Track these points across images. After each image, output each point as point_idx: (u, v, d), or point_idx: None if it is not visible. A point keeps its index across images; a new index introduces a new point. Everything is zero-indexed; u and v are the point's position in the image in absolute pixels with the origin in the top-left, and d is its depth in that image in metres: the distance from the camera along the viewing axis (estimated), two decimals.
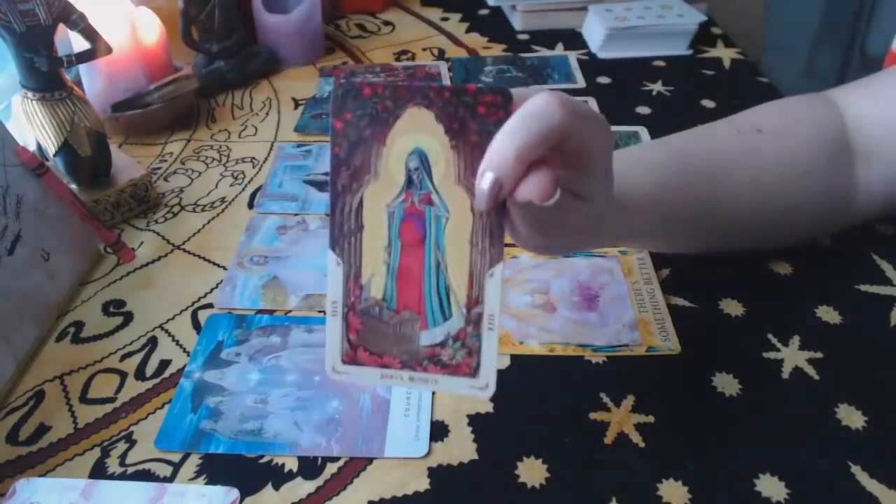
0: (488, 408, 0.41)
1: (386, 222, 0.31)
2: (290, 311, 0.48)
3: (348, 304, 0.32)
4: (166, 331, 0.47)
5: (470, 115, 0.29)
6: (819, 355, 0.44)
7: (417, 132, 0.30)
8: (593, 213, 0.34)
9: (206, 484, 0.37)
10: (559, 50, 0.86)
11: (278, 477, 0.37)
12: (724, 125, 0.48)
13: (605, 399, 0.41)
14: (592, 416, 0.40)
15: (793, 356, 0.44)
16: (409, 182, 0.30)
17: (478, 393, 0.31)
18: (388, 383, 0.32)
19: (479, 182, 0.28)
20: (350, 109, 0.30)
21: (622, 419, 0.40)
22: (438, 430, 0.39)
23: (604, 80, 0.78)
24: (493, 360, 0.31)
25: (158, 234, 0.56)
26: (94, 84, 0.65)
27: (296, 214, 0.57)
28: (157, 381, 0.43)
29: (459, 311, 0.31)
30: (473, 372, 0.31)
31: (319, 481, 0.37)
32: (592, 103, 0.72)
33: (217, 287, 0.50)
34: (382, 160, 0.30)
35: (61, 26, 0.51)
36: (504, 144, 0.28)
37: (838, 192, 0.48)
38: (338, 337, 0.32)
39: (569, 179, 0.32)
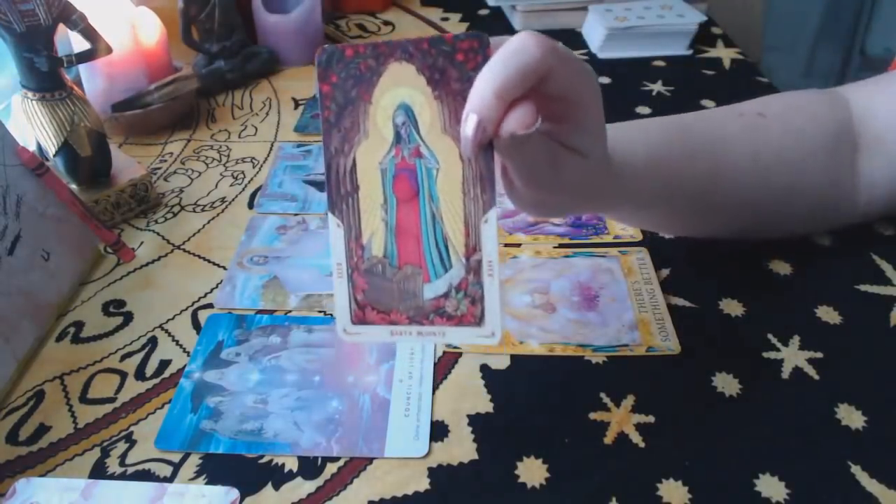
0: (488, 408, 0.41)
1: (380, 180, 0.31)
2: (290, 311, 0.48)
3: (352, 265, 0.32)
4: (166, 331, 0.47)
5: (449, 63, 0.29)
6: (819, 355, 0.44)
7: (401, 87, 0.30)
8: (588, 170, 0.34)
9: (206, 484, 0.37)
10: None
11: (278, 477, 0.37)
12: (725, 109, 0.49)
13: (605, 399, 0.41)
14: (592, 416, 0.40)
15: (793, 356, 0.44)
16: (398, 138, 0.31)
17: (485, 341, 0.31)
18: (398, 340, 0.32)
19: (464, 126, 0.29)
20: (335, 72, 0.30)
21: (622, 419, 0.40)
22: (438, 430, 0.39)
23: (604, 80, 0.78)
24: (496, 306, 0.31)
25: (158, 234, 0.56)
26: (94, 84, 0.65)
27: (296, 214, 0.57)
28: (157, 381, 0.43)
29: (459, 261, 0.31)
30: (479, 321, 0.31)
31: (319, 481, 0.37)
32: None
33: (217, 287, 0.50)
34: (370, 118, 0.31)
35: (61, 26, 0.51)
36: (484, 84, 0.28)
37: (840, 182, 0.48)
38: (346, 298, 0.32)
39: (560, 132, 0.32)
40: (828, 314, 0.47)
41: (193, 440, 0.39)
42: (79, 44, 0.54)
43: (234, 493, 0.36)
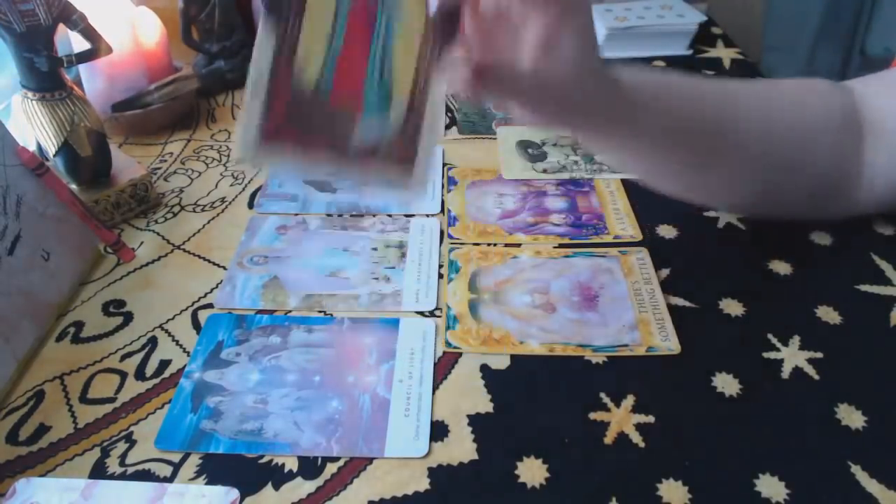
0: (488, 408, 0.41)
1: (333, 7, 0.28)
2: (289, 312, 0.48)
3: (273, 90, 0.29)
4: (166, 331, 0.47)
5: None
6: (819, 355, 0.44)
7: None
8: (577, 83, 0.34)
9: (206, 484, 0.37)
10: None
11: (278, 477, 0.37)
12: (738, 80, 0.49)
13: (605, 399, 0.41)
14: (592, 416, 0.40)
15: (793, 356, 0.44)
16: None
17: (405, 192, 0.29)
18: (312, 174, 0.31)
19: None
20: None
21: (622, 419, 0.40)
22: (438, 430, 0.39)
23: None
24: (426, 165, 0.29)
25: (158, 234, 0.56)
26: (94, 84, 0.65)
27: (296, 214, 0.57)
28: (157, 381, 0.43)
29: (400, 104, 0.29)
30: (405, 172, 0.29)
31: (319, 481, 0.37)
32: None
33: (217, 287, 0.50)
34: None
35: (61, 26, 0.51)
36: None
37: (844, 166, 0.48)
38: (256, 118, 0.29)
39: (545, 33, 0.32)
40: (828, 314, 0.47)
41: (193, 440, 0.39)
42: (79, 44, 0.54)
43: (234, 493, 0.36)
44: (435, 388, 0.42)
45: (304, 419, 0.40)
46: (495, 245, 0.53)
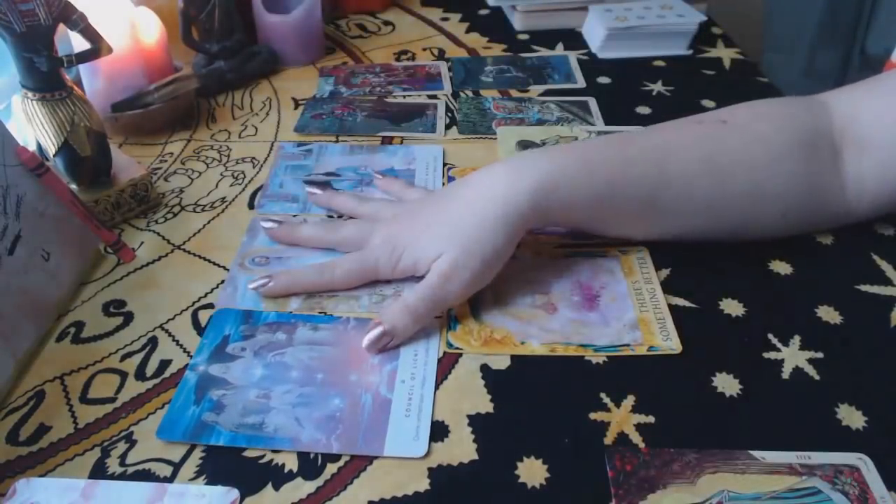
0: (488, 408, 0.41)
1: None
2: (290, 312, 0.48)
3: None
4: (166, 331, 0.47)
5: None
6: (819, 355, 0.44)
7: None
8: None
9: (207, 484, 0.37)
10: (559, 50, 0.86)
11: (278, 477, 0.37)
12: (687, 118, 0.51)
13: (605, 399, 0.41)
14: (592, 416, 0.40)
15: (793, 356, 0.44)
16: None
17: None
18: None
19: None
20: None
21: (622, 419, 0.40)
22: (438, 431, 0.39)
23: (604, 80, 0.78)
24: None
25: (158, 234, 0.56)
26: (94, 84, 0.65)
27: (296, 215, 0.57)
28: (157, 381, 0.43)
29: None
30: None
31: (319, 481, 0.37)
32: (592, 104, 0.72)
33: (217, 287, 0.50)
34: None
35: (61, 26, 0.51)
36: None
37: (820, 186, 0.49)
38: None
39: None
40: (828, 314, 0.47)
41: (195, 432, 0.39)
42: (79, 44, 0.54)
43: (234, 493, 0.36)
44: (435, 388, 0.42)
45: (305, 415, 0.40)
46: None
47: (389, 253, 0.47)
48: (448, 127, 0.69)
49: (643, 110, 0.71)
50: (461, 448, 0.39)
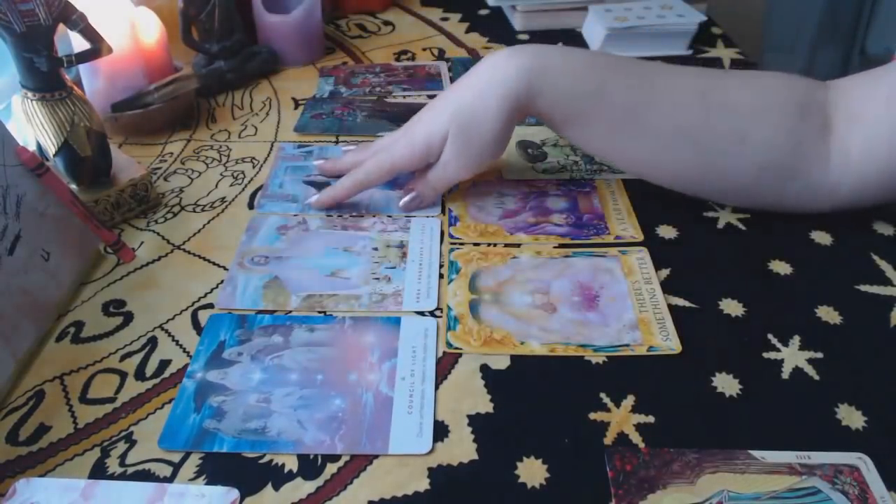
0: (488, 408, 0.41)
1: None
2: (290, 312, 0.48)
3: None
4: (166, 331, 0.47)
5: None
6: (819, 355, 0.44)
7: None
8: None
9: (206, 484, 0.37)
10: None
11: (278, 477, 0.37)
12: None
13: (605, 399, 0.41)
14: (592, 416, 0.40)
15: (793, 356, 0.44)
16: None
17: None
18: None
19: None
20: None
21: (622, 419, 0.40)
22: (438, 430, 0.39)
23: None
24: None
25: (158, 234, 0.56)
26: (94, 84, 0.65)
27: (296, 215, 0.57)
28: (157, 381, 0.43)
29: None
30: None
31: (319, 481, 0.37)
32: None
33: (217, 287, 0.50)
34: None
35: (61, 26, 0.51)
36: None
37: (803, 147, 0.49)
38: None
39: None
40: (828, 314, 0.47)
41: (197, 439, 0.39)
42: (79, 44, 0.54)
43: (234, 493, 0.36)
44: (435, 388, 0.42)
45: (307, 417, 0.40)
46: (495, 245, 0.53)
47: (407, 140, 0.54)
48: None
49: None
50: (461, 448, 0.39)
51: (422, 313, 0.47)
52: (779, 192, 0.52)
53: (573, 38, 0.88)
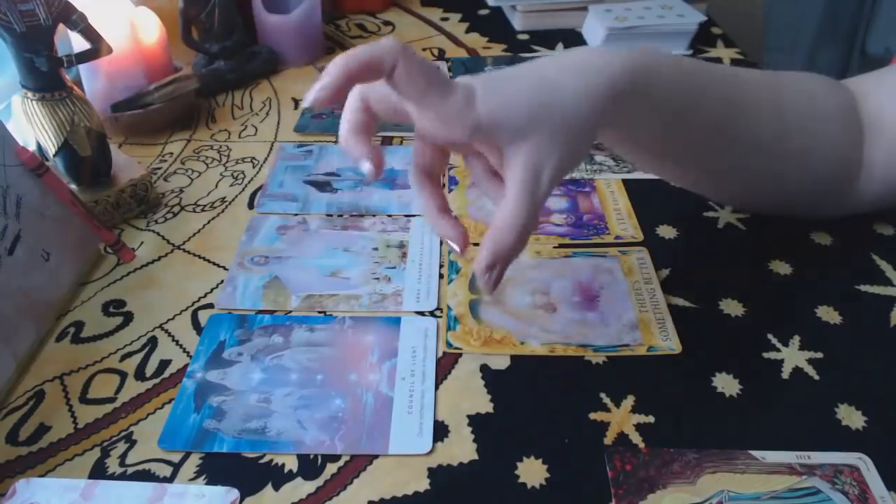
0: (488, 408, 0.41)
1: None
2: (290, 312, 0.48)
3: None
4: (166, 331, 0.47)
5: None
6: (819, 355, 0.44)
7: None
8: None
9: (206, 484, 0.37)
10: (559, 50, 0.86)
11: (278, 477, 0.37)
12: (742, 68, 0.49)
13: (605, 399, 0.41)
14: (592, 416, 0.40)
15: (793, 356, 0.44)
16: None
17: None
18: None
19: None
20: None
21: (622, 419, 0.40)
22: (439, 430, 0.39)
23: None
24: None
25: (158, 234, 0.56)
26: (94, 84, 0.65)
27: (296, 214, 0.57)
28: (157, 381, 0.43)
29: None
30: None
31: (319, 481, 0.37)
32: None
33: (217, 287, 0.50)
34: None
35: (61, 26, 0.51)
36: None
37: (848, 157, 0.48)
38: None
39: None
40: (828, 314, 0.47)
41: (197, 440, 0.39)
42: (79, 44, 0.54)
43: (234, 493, 0.36)
44: (435, 388, 0.42)
45: (307, 417, 0.40)
46: None
47: (465, 90, 0.35)
48: None
49: None
50: (461, 448, 0.39)
51: (422, 313, 0.47)
52: (821, 203, 0.51)
53: (573, 38, 0.88)
